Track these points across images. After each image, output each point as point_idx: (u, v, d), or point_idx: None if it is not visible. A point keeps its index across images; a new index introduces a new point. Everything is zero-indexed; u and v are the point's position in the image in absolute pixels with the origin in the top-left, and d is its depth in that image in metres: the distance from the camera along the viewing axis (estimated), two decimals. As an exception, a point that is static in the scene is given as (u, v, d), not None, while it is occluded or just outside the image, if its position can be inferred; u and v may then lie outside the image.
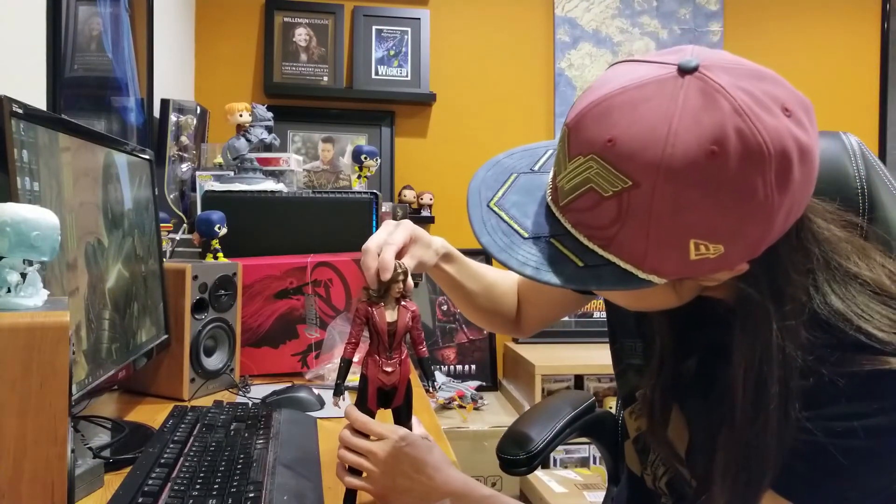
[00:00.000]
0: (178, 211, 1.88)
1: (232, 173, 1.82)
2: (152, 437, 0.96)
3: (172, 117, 1.96)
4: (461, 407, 2.41)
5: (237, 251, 1.49)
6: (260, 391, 1.27)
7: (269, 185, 1.76)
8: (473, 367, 2.73)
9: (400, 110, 2.78)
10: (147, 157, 1.20)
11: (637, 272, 0.59)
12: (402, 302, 0.81)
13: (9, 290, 0.56)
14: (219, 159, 1.91)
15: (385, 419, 0.83)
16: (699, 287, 0.67)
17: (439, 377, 2.57)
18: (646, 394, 0.79)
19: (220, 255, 1.44)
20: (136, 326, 1.07)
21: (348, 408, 0.82)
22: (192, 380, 1.24)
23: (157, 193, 1.25)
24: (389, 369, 0.80)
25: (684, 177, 0.54)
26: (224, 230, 1.44)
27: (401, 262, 0.81)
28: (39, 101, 1.24)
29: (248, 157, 1.80)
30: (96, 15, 1.51)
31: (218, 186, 1.75)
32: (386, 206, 2.06)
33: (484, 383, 2.65)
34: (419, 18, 2.75)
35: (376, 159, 1.87)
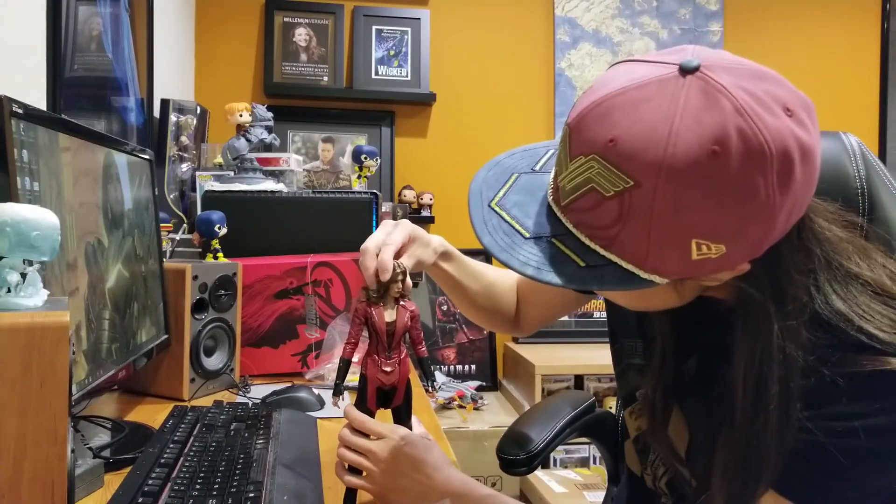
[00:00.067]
0: (178, 211, 1.88)
1: (232, 173, 1.82)
2: (152, 437, 0.96)
3: (172, 117, 1.96)
4: (461, 407, 2.41)
5: (237, 251, 1.49)
6: (260, 391, 1.27)
7: (269, 185, 1.76)
8: (473, 367, 2.73)
9: (400, 110, 2.78)
10: (147, 157, 1.20)
11: (639, 272, 0.59)
12: (401, 302, 0.81)
13: (9, 290, 0.56)
14: (219, 159, 1.91)
15: (385, 419, 0.83)
16: (700, 287, 0.67)
17: (439, 377, 2.57)
18: (646, 393, 0.79)
19: (220, 255, 1.44)
20: (136, 326, 1.07)
21: (347, 407, 0.82)
22: (192, 380, 1.24)
23: (157, 193, 1.25)
24: (389, 369, 0.80)
25: (686, 177, 0.54)
26: (224, 230, 1.44)
27: (399, 262, 0.81)
28: (39, 101, 1.24)
29: (248, 157, 1.80)
30: (96, 15, 1.51)
31: (218, 186, 1.75)
32: (386, 206, 2.06)
33: (484, 383, 2.65)
34: (419, 18, 2.75)
35: (376, 159, 1.87)
